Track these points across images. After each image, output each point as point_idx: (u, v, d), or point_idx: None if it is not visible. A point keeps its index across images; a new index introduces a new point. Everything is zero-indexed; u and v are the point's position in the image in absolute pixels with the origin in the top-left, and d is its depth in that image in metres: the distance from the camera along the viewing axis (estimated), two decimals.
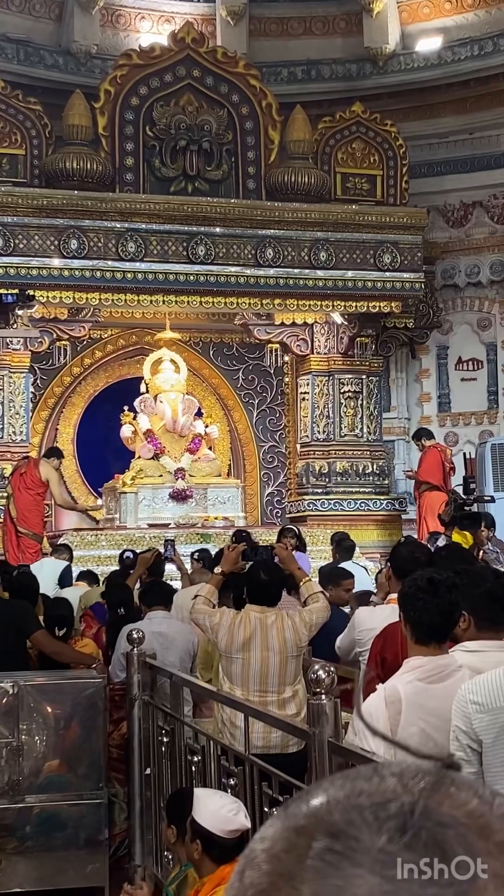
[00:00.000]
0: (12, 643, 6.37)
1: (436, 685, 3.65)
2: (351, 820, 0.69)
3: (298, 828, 0.70)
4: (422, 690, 3.63)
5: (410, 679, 3.67)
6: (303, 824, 0.70)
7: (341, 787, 0.72)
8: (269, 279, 13.69)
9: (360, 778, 0.72)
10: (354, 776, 0.73)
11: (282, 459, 16.72)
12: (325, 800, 0.71)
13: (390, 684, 3.71)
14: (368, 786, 0.71)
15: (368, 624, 5.16)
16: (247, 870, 0.70)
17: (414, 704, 3.61)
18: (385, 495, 15.16)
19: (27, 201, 12.94)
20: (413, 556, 5.12)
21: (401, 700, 3.61)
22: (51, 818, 6.06)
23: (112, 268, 13.17)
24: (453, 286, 16.69)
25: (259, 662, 5.49)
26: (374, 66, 16.64)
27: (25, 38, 16.00)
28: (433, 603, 3.67)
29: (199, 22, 16.15)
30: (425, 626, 3.69)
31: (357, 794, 0.71)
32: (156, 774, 5.76)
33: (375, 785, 0.71)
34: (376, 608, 5.66)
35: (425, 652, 3.70)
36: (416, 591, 3.71)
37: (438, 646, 3.73)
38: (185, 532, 13.62)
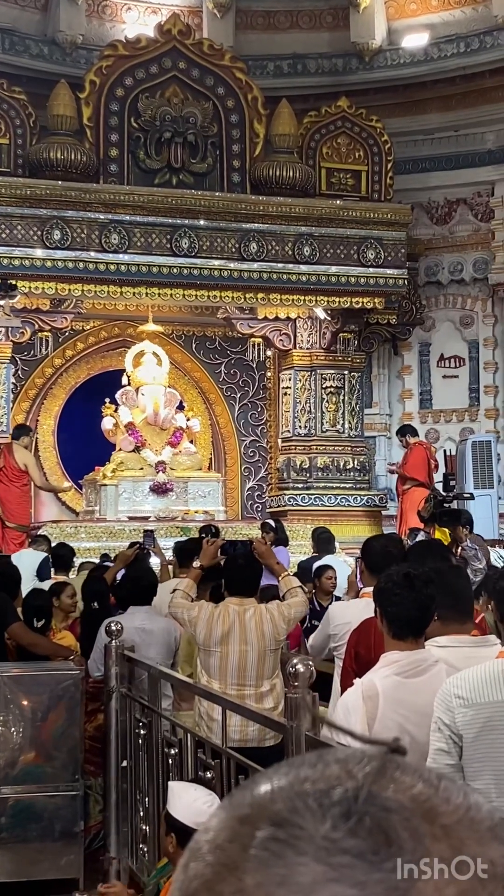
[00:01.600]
0: None
1: (413, 679, 3.65)
2: (294, 807, 0.68)
3: (242, 817, 0.69)
4: (399, 685, 3.63)
5: (388, 673, 3.67)
6: (246, 813, 0.69)
7: (285, 775, 0.71)
8: (252, 273, 13.68)
9: (304, 765, 0.71)
10: (299, 763, 0.72)
11: (263, 454, 16.73)
12: (268, 788, 0.70)
13: (367, 678, 3.71)
14: (312, 772, 0.70)
15: (343, 619, 5.16)
16: (191, 861, 0.69)
17: (391, 699, 3.62)
18: (366, 491, 15.18)
19: (10, 191, 12.89)
20: (386, 551, 5.13)
21: (378, 694, 3.61)
22: (26, 809, 6.05)
23: (95, 259, 13.14)
24: (436, 283, 16.72)
25: (237, 656, 5.49)
26: (360, 61, 16.63)
27: (11, 27, 15.92)
28: (410, 598, 3.68)
29: (185, 14, 16.10)
30: (402, 620, 3.69)
31: (301, 782, 0.70)
32: (132, 767, 5.75)
33: (319, 771, 0.70)
34: (350, 603, 5.66)
35: (402, 647, 3.70)
36: (393, 587, 3.71)
37: (415, 640, 3.73)
38: (165, 525, 13.60)
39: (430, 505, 10.79)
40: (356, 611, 5.18)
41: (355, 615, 5.02)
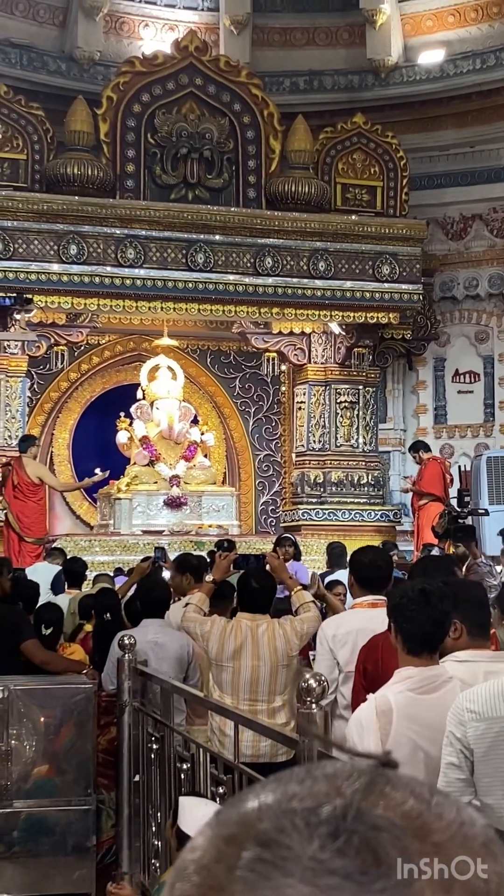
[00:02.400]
0: (6, 648, 6.34)
1: (427, 696, 3.64)
2: (281, 827, 0.66)
3: (228, 836, 0.67)
4: (413, 701, 3.62)
5: (401, 689, 3.67)
6: (233, 832, 0.67)
7: (272, 792, 0.69)
8: (267, 288, 13.70)
9: (292, 781, 0.69)
10: (287, 779, 0.70)
11: (277, 468, 16.72)
12: (255, 805, 0.68)
13: (381, 694, 3.71)
14: (300, 789, 0.68)
15: (339, 629, 5.11)
16: (177, 882, 0.68)
17: (405, 715, 3.61)
18: (380, 506, 15.15)
19: (27, 206, 12.95)
20: (374, 565, 5.12)
21: (392, 710, 3.60)
22: (38, 823, 6.04)
23: (111, 274, 13.18)
24: (451, 298, 16.71)
25: (249, 671, 5.48)
26: (376, 77, 16.68)
27: (29, 44, 16.02)
28: (425, 613, 3.67)
29: (202, 30, 16.18)
30: (417, 636, 3.68)
31: (288, 799, 0.68)
32: (145, 781, 5.74)
33: (307, 788, 0.68)
34: (343, 615, 5.61)
35: (417, 663, 3.69)
36: (408, 602, 3.70)
37: (430, 656, 3.72)
38: (178, 539, 13.60)
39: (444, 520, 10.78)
40: (349, 619, 5.18)
41: (352, 624, 5.01)
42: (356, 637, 4.90)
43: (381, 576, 5.11)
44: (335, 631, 5.04)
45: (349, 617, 5.28)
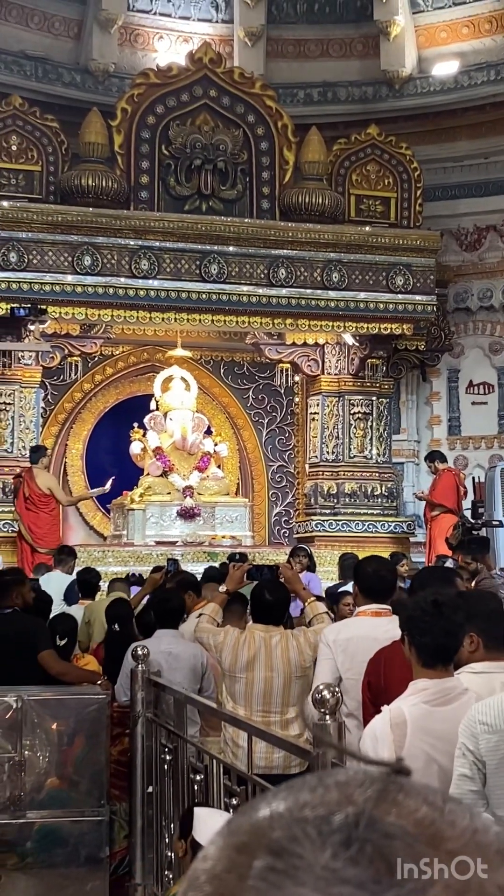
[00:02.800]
0: (26, 658, 6.36)
1: (441, 708, 3.63)
2: (293, 836, 0.65)
3: (240, 845, 0.67)
4: (427, 713, 3.61)
5: (416, 701, 3.65)
6: (244, 841, 0.67)
7: (284, 800, 0.68)
8: (281, 299, 13.71)
9: (304, 789, 0.69)
10: (299, 787, 0.69)
11: (290, 479, 16.71)
12: (267, 814, 0.68)
13: (395, 706, 3.70)
14: (312, 797, 0.68)
15: (341, 634, 5.09)
16: (189, 891, 0.67)
17: (419, 727, 3.60)
18: (393, 517, 15.13)
19: (42, 217, 12.99)
20: (378, 574, 5.11)
21: (406, 722, 3.59)
22: (52, 834, 6.03)
23: (125, 285, 13.21)
24: (465, 309, 16.70)
25: (262, 682, 5.47)
26: (390, 89, 16.70)
27: (44, 56, 16.09)
28: (439, 625, 3.66)
29: (216, 42, 16.23)
30: (431, 648, 3.67)
31: (300, 807, 0.67)
32: (158, 793, 5.74)
33: (319, 796, 0.68)
34: (345, 622, 5.59)
35: (431, 675, 3.68)
36: (421, 614, 3.69)
37: (445, 668, 3.71)
38: (192, 550, 13.61)
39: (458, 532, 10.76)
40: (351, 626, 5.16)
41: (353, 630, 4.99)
42: (357, 644, 4.88)
43: (385, 586, 5.11)
44: (336, 636, 5.02)
45: (351, 624, 5.27)
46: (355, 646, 4.89)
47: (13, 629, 6.45)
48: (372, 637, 4.84)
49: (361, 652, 4.87)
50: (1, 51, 15.76)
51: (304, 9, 17.13)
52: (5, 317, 12.96)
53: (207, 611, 5.91)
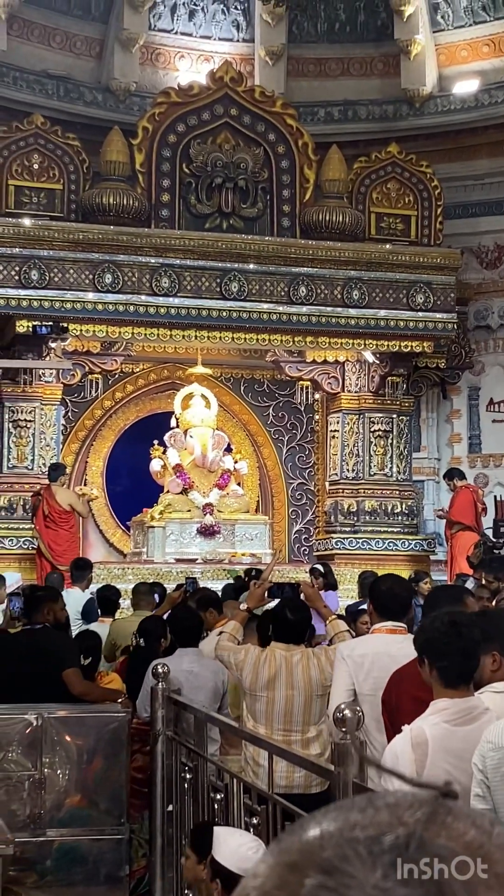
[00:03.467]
0: (51, 673, 6.35)
1: (462, 728, 3.62)
2: (344, 855, 0.66)
3: (291, 864, 0.67)
4: (448, 733, 3.60)
5: (437, 721, 3.64)
6: (295, 860, 0.67)
7: (334, 820, 0.69)
8: (301, 317, 13.72)
9: (353, 810, 0.69)
10: (348, 808, 0.70)
11: (310, 497, 16.69)
12: (317, 833, 0.68)
13: (416, 725, 3.68)
14: (362, 818, 0.68)
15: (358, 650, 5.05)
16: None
17: (440, 747, 3.58)
18: (414, 535, 15.09)
19: (63, 235, 13.05)
20: (392, 593, 5.08)
21: (427, 742, 3.58)
22: (71, 852, 6.02)
23: (146, 302, 13.25)
24: (486, 327, 16.67)
25: (283, 701, 5.45)
26: (410, 107, 16.74)
27: (66, 75, 16.20)
28: (458, 646, 3.64)
29: (237, 61, 16.30)
30: (452, 669, 3.65)
31: (350, 828, 0.68)
32: (178, 811, 5.72)
33: (369, 817, 0.68)
34: (359, 638, 5.57)
35: (453, 694, 3.66)
36: (440, 636, 3.67)
37: (466, 688, 3.69)
38: (211, 567, 13.60)
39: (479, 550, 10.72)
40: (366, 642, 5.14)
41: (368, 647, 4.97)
42: (372, 661, 4.86)
43: (400, 604, 5.08)
44: (350, 652, 4.99)
45: (366, 641, 5.25)
46: (370, 662, 4.87)
47: (42, 645, 6.44)
48: (387, 654, 4.82)
49: (377, 669, 4.85)
50: (23, 70, 15.87)
51: (324, 28, 17.19)
52: (27, 334, 13.01)
53: (228, 629, 5.90)
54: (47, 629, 6.57)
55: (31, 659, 6.37)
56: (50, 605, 6.74)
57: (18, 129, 13.61)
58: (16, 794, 5.98)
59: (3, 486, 13.89)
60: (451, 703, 3.64)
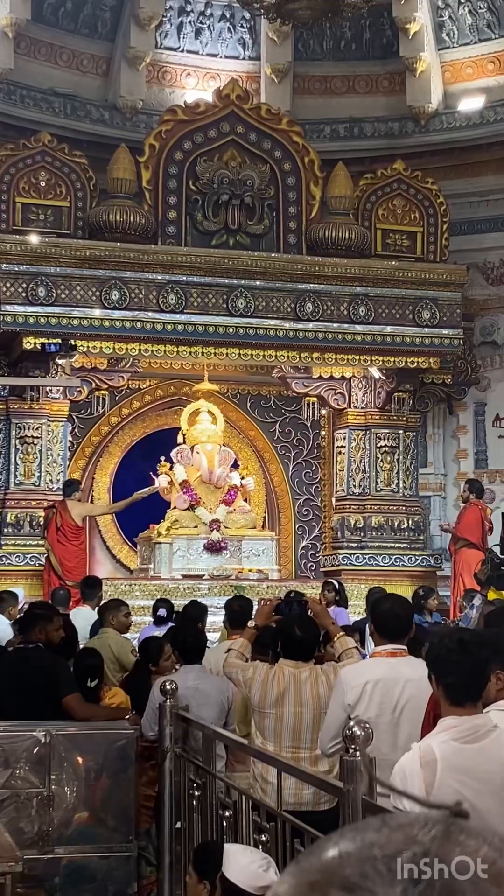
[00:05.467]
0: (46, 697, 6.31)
1: (471, 745, 3.62)
2: (364, 873, 0.68)
3: (312, 883, 0.69)
4: (457, 751, 3.60)
5: (445, 738, 3.64)
6: (316, 879, 0.69)
7: (352, 840, 0.71)
8: (308, 333, 13.75)
9: (368, 830, 0.71)
10: (363, 828, 0.72)
11: (317, 513, 16.68)
12: (336, 853, 0.70)
13: (425, 744, 3.68)
14: (378, 837, 0.70)
15: (358, 679, 5.04)
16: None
17: (449, 765, 3.58)
18: (420, 551, 15.08)
19: (70, 252, 13.09)
20: (392, 613, 5.06)
21: (436, 760, 3.58)
22: (80, 870, 6.01)
23: (152, 319, 13.28)
24: (492, 343, 16.69)
25: (292, 718, 5.45)
26: (416, 124, 16.79)
27: (73, 93, 16.27)
28: (465, 664, 3.65)
29: (243, 79, 16.36)
30: (460, 687, 3.66)
31: (368, 847, 0.70)
32: (186, 828, 5.72)
33: (385, 836, 0.70)
34: (361, 664, 5.55)
35: (460, 712, 3.66)
36: (448, 654, 3.68)
37: (473, 705, 3.70)
38: (218, 584, 13.60)
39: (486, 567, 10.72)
40: (368, 669, 5.12)
41: (371, 674, 4.95)
42: (374, 686, 4.85)
43: (400, 625, 5.05)
44: (351, 682, 4.96)
45: (368, 666, 5.23)
46: (372, 688, 4.85)
47: (33, 666, 6.39)
48: (389, 678, 4.82)
49: (379, 694, 4.83)
50: (30, 88, 15.94)
51: (330, 45, 17.26)
52: (34, 351, 13.04)
53: (236, 646, 5.90)
54: (39, 650, 6.52)
55: (21, 679, 6.33)
56: (43, 624, 6.66)
57: (25, 147, 13.68)
58: (24, 812, 5.97)
59: (11, 502, 13.91)
60: (459, 720, 3.64)
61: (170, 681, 6.10)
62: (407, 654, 4.97)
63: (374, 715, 4.75)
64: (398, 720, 4.79)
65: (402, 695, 4.80)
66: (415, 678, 4.75)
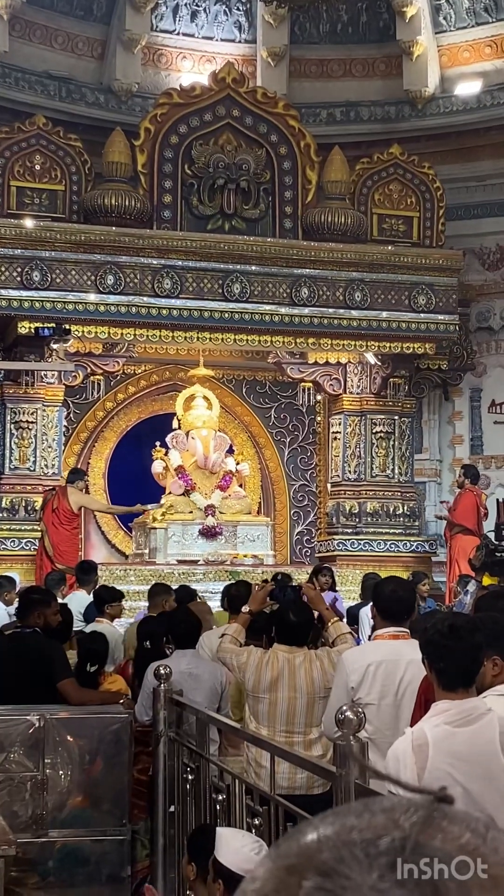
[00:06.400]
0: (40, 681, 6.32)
1: (463, 729, 3.62)
2: (341, 857, 0.67)
3: (289, 867, 0.68)
4: (449, 734, 3.60)
5: (438, 723, 3.64)
6: (293, 863, 0.69)
7: (331, 824, 0.70)
8: (303, 318, 13.73)
9: (350, 814, 0.71)
10: (345, 813, 0.71)
11: (312, 498, 16.69)
12: (315, 837, 0.69)
13: (418, 727, 3.69)
14: (359, 822, 0.70)
15: (360, 662, 5.05)
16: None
17: (441, 748, 3.58)
18: (415, 537, 15.09)
19: (65, 237, 13.05)
20: (395, 595, 5.07)
21: (428, 744, 3.58)
22: (73, 853, 6.03)
23: (147, 304, 13.25)
24: (488, 329, 16.68)
25: (286, 702, 5.46)
26: (412, 108, 16.74)
27: (68, 76, 16.21)
28: (458, 648, 3.65)
29: (239, 62, 16.30)
30: (451, 673, 3.66)
31: (347, 831, 0.69)
32: (180, 812, 5.73)
33: (366, 821, 0.70)
34: (363, 646, 5.56)
35: (453, 697, 3.67)
36: (440, 639, 3.68)
37: (465, 690, 3.70)
38: (213, 569, 13.61)
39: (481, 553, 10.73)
40: (370, 651, 5.13)
41: (373, 656, 4.96)
42: (376, 669, 4.86)
43: (403, 607, 5.07)
44: (353, 665, 4.97)
45: (370, 649, 5.25)
46: (375, 671, 4.86)
47: (29, 651, 6.40)
48: (391, 661, 4.82)
49: (381, 677, 4.85)
50: (25, 71, 15.88)
51: (326, 29, 17.20)
52: (29, 335, 13.02)
53: (230, 631, 5.91)
54: (36, 634, 6.52)
55: (18, 664, 6.33)
56: (41, 609, 6.67)
57: (20, 130, 13.62)
58: (18, 795, 5.98)
59: (6, 487, 13.90)
60: (451, 704, 3.65)
61: (164, 665, 6.10)
62: (409, 637, 4.98)
63: (376, 697, 4.76)
64: (400, 702, 4.80)
65: (405, 677, 4.81)
66: (416, 660, 4.75)
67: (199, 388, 15.41)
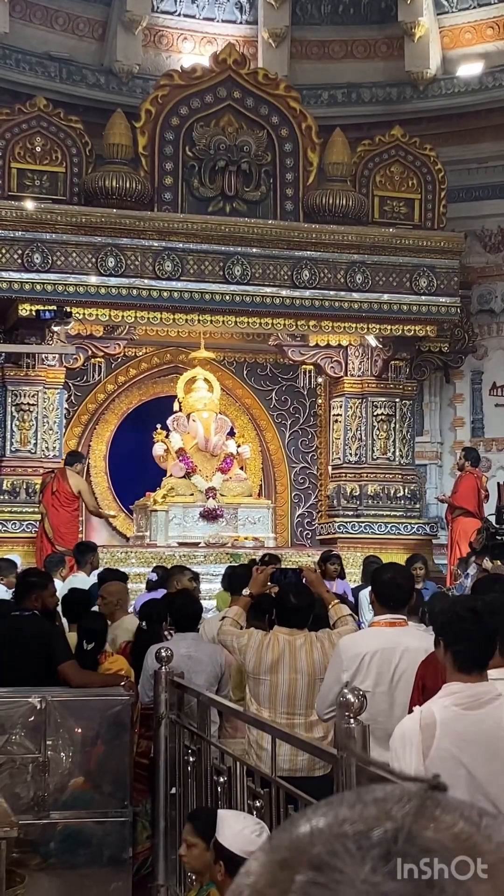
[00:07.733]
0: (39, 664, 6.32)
1: (472, 711, 3.62)
2: (334, 850, 0.67)
3: (281, 861, 0.68)
4: (458, 716, 3.60)
5: (448, 704, 3.65)
6: (285, 857, 0.68)
7: (324, 816, 0.70)
8: (304, 300, 13.70)
9: (342, 805, 0.70)
10: (338, 803, 0.71)
11: (313, 481, 16.69)
12: (307, 830, 0.69)
13: (427, 707, 3.69)
14: (351, 813, 0.69)
15: (355, 649, 5.04)
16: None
17: (448, 729, 3.59)
18: (416, 519, 15.09)
19: (66, 219, 13.02)
20: (394, 582, 5.06)
21: (435, 724, 3.59)
22: (75, 835, 6.05)
23: (148, 286, 13.23)
24: (489, 311, 16.66)
25: (287, 684, 5.47)
26: (414, 90, 16.68)
27: (68, 57, 16.14)
28: (476, 631, 3.65)
29: (240, 44, 16.23)
30: (468, 655, 3.66)
31: (340, 823, 0.69)
32: (181, 794, 5.74)
33: (358, 812, 0.69)
34: (360, 634, 5.55)
35: (466, 679, 3.67)
36: (459, 621, 3.68)
37: (480, 673, 3.70)
38: (214, 551, 13.62)
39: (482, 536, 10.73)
40: (367, 638, 5.13)
41: (369, 644, 4.95)
42: (371, 656, 4.86)
43: (401, 594, 5.05)
44: (349, 651, 4.97)
45: (366, 636, 5.24)
46: (370, 658, 4.86)
47: (27, 633, 6.40)
48: (387, 648, 4.83)
49: (377, 664, 4.85)
50: (26, 52, 15.82)
51: (328, 10, 17.12)
52: (30, 318, 13.00)
53: (231, 613, 5.92)
54: (35, 617, 6.52)
55: (16, 646, 6.34)
56: (39, 592, 6.68)
57: (21, 112, 13.57)
58: (19, 777, 6.00)
59: (6, 469, 13.90)
60: (463, 686, 3.65)
61: (165, 647, 6.11)
62: (406, 624, 4.98)
63: (371, 685, 4.76)
64: (394, 689, 4.80)
65: (400, 664, 4.82)
66: (412, 648, 4.76)
67: (199, 371, 15.40)
